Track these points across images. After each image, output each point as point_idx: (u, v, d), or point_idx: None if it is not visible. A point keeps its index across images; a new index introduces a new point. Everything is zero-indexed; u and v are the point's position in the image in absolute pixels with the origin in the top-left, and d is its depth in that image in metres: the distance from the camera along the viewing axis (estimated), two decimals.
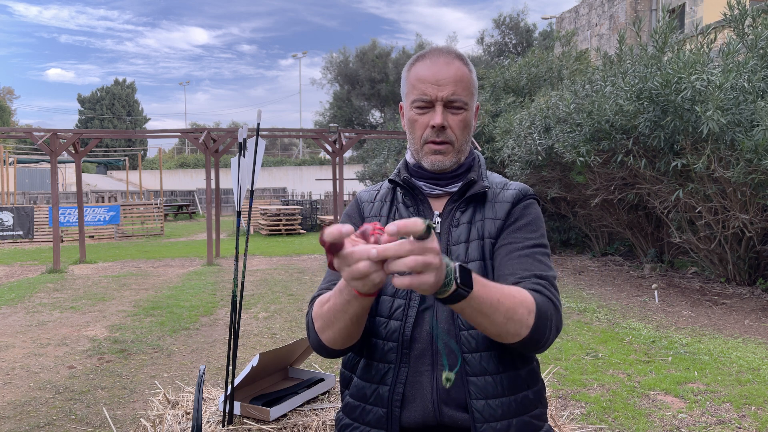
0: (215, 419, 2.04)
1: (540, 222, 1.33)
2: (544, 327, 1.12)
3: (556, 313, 1.17)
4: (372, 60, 30.82)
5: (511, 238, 1.27)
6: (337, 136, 11.27)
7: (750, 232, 6.27)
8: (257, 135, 2.42)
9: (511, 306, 1.06)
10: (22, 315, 6.31)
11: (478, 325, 1.06)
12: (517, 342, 1.11)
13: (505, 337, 1.10)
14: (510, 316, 1.06)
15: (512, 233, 1.28)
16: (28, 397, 3.86)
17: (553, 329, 1.15)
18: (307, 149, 53.70)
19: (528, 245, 1.26)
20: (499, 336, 1.09)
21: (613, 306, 6.38)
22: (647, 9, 16.25)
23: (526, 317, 1.09)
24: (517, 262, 1.23)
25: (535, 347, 1.14)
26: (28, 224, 14.94)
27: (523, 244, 1.26)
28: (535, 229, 1.30)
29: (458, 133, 1.29)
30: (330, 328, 1.17)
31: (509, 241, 1.27)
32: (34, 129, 10.87)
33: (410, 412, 1.23)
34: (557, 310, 1.18)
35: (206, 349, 4.94)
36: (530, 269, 1.22)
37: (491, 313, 1.03)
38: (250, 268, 9.54)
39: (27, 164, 29.37)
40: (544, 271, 1.23)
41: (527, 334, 1.10)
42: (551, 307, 1.16)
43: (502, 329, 1.07)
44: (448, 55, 1.29)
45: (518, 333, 1.09)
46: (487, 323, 1.05)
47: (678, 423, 3.31)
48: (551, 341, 1.17)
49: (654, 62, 6.46)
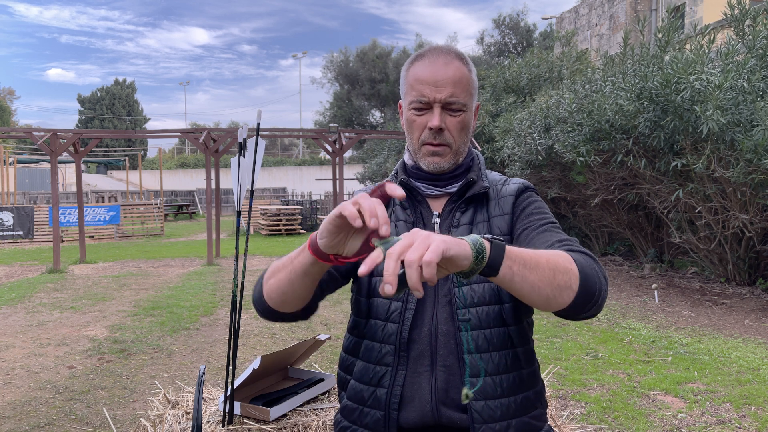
0: (215, 419, 2.04)
1: (546, 207, 1.33)
2: (593, 274, 1.06)
3: (594, 261, 1.11)
4: (372, 60, 30.83)
5: (526, 224, 1.27)
6: (337, 136, 11.27)
7: (750, 232, 6.27)
8: (257, 135, 2.42)
9: (552, 258, 1.03)
10: (22, 315, 6.31)
11: (531, 290, 1.00)
12: (575, 298, 1.04)
13: (561, 295, 1.03)
14: (555, 267, 1.01)
15: (524, 220, 1.28)
16: (28, 397, 3.86)
17: (601, 277, 1.09)
18: (307, 149, 53.70)
19: (543, 223, 1.26)
20: (554, 296, 1.02)
21: (613, 306, 6.38)
22: (647, 9, 16.24)
23: (569, 266, 1.04)
24: (537, 239, 1.22)
25: (593, 299, 1.07)
26: (28, 224, 14.94)
27: (538, 224, 1.25)
28: (545, 212, 1.30)
29: (456, 135, 1.28)
30: (273, 276, 1.16)
31: (525, 227, 1.26)
32: (34, 129, 10.87)
33: (408, 413, 1.23)
34: (594, 259, 1.12)
35: (206, 349, 4.94)
36: (550, 240, 1.20)
37: (536, 267, 0.99)
38: (250, 268, 9.53)
39: (27, 164, 29.37)
40: (563, 236, 1.21)
41: (579, 286, 1.04)
42: (587, 257, 1.11)
43: (553, 284, 1.01)
44: (447, 54, 1.27)
45: (570, 285, 1.03)
46: (536, 278, 0.99)
47: (678, 423, 3.31)
48: (605, 291, 1.10)
49: (656, 61, 6.46)
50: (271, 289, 1.17)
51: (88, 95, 50.85)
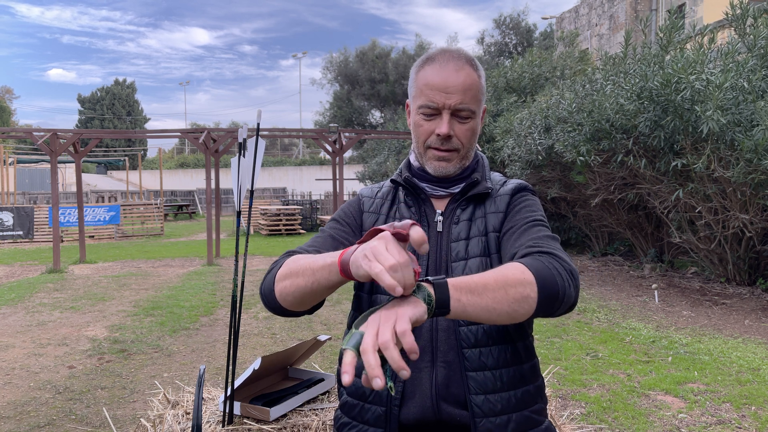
0: (215, 419, 2.04)
1: (537, 206, 1.32)
2: (549, 276, 1.05)
3: (554, 258, 1.09)
4: (372, 60, 30.84)
5: (512, 223, 1.27)
6: (337, 136, 11.27)
7: (750, 232, 6.27)
8: (257, 135, 2.42)
9: (500, 275, 1.02)
10: (22, 315, 6.31)
11: (488, 313, 1.00)
12: (538, 305, 1.03)
13: (521, 306, 1.02)
14: (504, 283, 1.00)
15: (511, 218, 1.28)
16: (28, 397, 3.86)
17: (562, 273, 1.07)
18: (307, 149, 53.69)
19: (525, 222, 1.25)
20: (514, 310, 1.01)
21: (613, 306, 6.38)
22: (647, 9, 16.24)
23: (522, 276, 1.02)
24: (515, 241, 1.22)
25: (559, 301, 1.06)
26: (28, 224, 14.94)
27: (520, 224, 1.25)
28: (533, 210, 1.29)
29: (464, 141, 1.29)
30: (290, 279, 1.13)
31: (510, 226, 1.27)
32: (34, 129, 10.87)
33: (409, 409, 1.23)
34: (555, 255, 1.10)
35: (206, 349, 4.94)
36: (524, 240, 1.19)
37: (483, 290, 0.98)
38: (250, 268, 9.53)
39: (27, 164, 29.37)
40: (537, 234, 1.19)
41: (537, 292, 1.02)
42: (546, 257, 1.09)
43: (507, 300, 1.00)
44: (458, 60, 1.27)
45: (526, 294, 1.01)
46: (488, 301, 0.98)
47: (678, 423, 3.31)
48: (574, 288, 1.09)
49: (656, 61, 6.46)
50: (287, 292, 1.14)
51: (88, 95, 50.85)
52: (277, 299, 1.17)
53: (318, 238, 1.33)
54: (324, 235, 1.33)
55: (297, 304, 1.16)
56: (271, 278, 1.20)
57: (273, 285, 1.18)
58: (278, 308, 1.20)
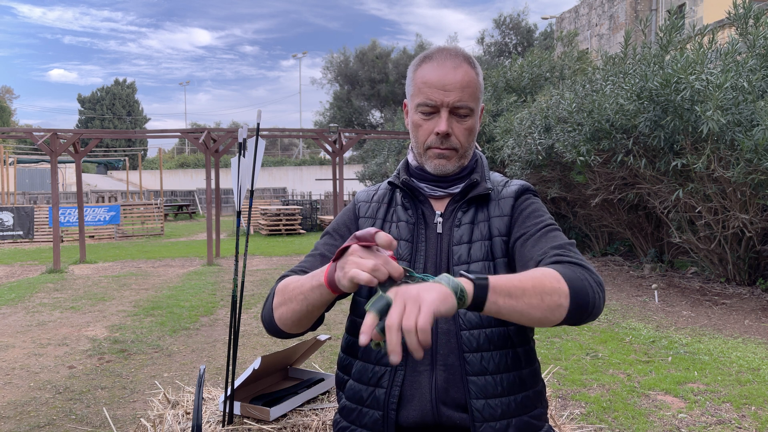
0: (215, 419, 2.04)
1: (544, 209, 1.33)
2: (582, 287, 1.07)
3: (585, 270, 1.12)
4: (372, 60, 30.85)
5: (524, 229, 1.27)
6: (337, 136, 11.27)
7: (750, 232, 6.27)
8: (257, 135, 2.42)
9: (538, 281, 1.04)
10: (22, 315, 6.31)
11: (519, 316, 1.02)
12: (567, 314, 1.06)
13: (553, 314, 1.04)
14: (541, 290, 1.03)
15: (522, 224, 1.28)
16: (28, 397, 3.86)
17: (593, 285, 1.10)
18: (307, 149, 53.69)
19: (539, 228, 1.26)
20: (546, 317, 1.04)
21: (613, 306, 6.38)
22: (647, 9, 16.24)
23: (557, 285, 1.04)
24: (534, 247, 1.23)
25: (588, 312, 1.09)
26: (28, 224, 14.94)
27: (534, 229, 1.26)
28: (542, 214, 1.30)
29: (463, 139, 1.29)
30: (285, 305, 1.18)
31: (522, 232, 1.27)
32: (34, 129, 10.87)
33: (408, 412, 1.23)
34: (585, 267, 1.13)
35: (206, 349, 4.94)
36: (545, 246, 1.21)
37: (521, 295, 1.00)
38: (250, 268, 9.53)
39: (27, 164, 29.38)
40: (559, 241, 1.21)
41: (569, 302, 1.05)
42: (578, 268, 1.11)
43: (542, 307, 1.02)
44: (456, 58, 1.27)
45: (560, 303, 1.04)
46: (524, 305, 1.01)
47: (678, 423, 3.31)
48: (602, 301, 1.12)
49: (656, 61, 6.46)
50: (285, 317, 1.19)
51: (89, 95, 50.85)
52: (278, 326, 1.22)
53: (310, 258, 1.35)
54: (316, 254, 1.35)
55: (299, 326, 1.21)
56: (269, 307, 1.24)
57: (272, 313, 1.22)
58: (281, 333, 1.25)
